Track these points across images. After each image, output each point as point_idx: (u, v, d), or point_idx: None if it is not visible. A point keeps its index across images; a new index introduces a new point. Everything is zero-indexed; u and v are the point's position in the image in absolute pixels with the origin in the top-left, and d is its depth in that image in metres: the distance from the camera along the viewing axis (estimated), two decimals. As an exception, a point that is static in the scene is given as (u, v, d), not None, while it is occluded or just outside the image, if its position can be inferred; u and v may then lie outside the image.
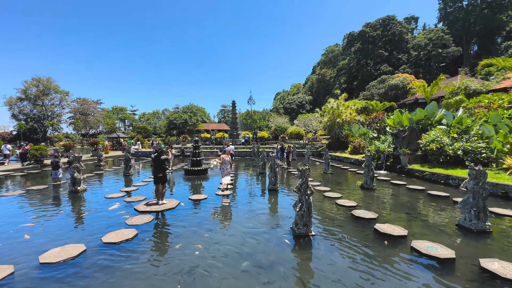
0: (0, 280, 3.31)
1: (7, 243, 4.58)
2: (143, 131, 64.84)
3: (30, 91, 59.49)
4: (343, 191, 8.76)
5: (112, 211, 6.49)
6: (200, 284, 3.27)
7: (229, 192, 8.30)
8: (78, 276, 3.47)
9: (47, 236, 4.92)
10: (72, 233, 5.11)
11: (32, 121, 59.13)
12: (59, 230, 5.23)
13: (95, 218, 5.99)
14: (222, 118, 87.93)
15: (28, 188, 9.41)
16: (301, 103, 73.31)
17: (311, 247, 4.36)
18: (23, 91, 59.24)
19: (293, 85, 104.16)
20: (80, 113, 67.99)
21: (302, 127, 30.47)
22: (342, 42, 76.38)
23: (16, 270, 3.56)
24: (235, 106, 32.34)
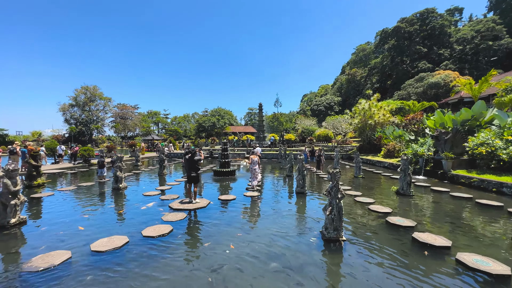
0: (60, 263, 3.80)
1: (65, 232, 5.23)
2: (175, 133, 68.64)
3: (80, 98, 66.96)
4: (376, 196, 8.30)
5: (149, 207, 7.02)
6: (231, 281, 3.39)
7: (257, 194, 8.41)
8: (122, 263, 3.84)
9: (96, 227, 5.50)
10: (116, 226, 5.64)
11: (80, 125, 66.41)
12: (105, 223, 5.81)
13: (135, 213, 6.53)
14: (248, 120, 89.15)
15: (79, 184, 10.60)
16: (330, 104, 71.09)
17: (342, 252, 4.23)
18: (73, 98, 66.87)
19: (321, 86, 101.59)
20: (120, 117, 74.53)
21: (331, 129, 29.51)
22: (374, 40, 72.63)
23: (72, 255, 4.06)
24: (261, 109, 32.61)
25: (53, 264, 3.73)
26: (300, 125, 38.90)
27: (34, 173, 10.24)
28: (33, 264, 3.74)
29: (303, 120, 43.66)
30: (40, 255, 4.04)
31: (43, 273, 3.55)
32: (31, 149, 12.60)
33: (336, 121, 29.90)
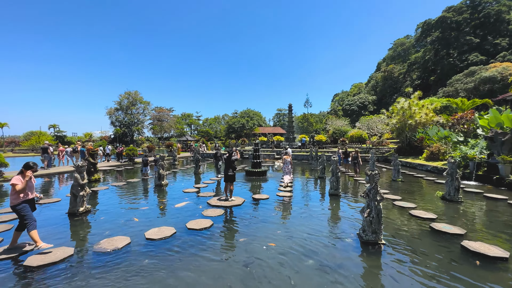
0: (123, 246, 4.41)
1: (122, 221, 5.99)
2: (206, 134, 71.72)
3: (123, 102, 73.83)
4: (417, 201, 7.80)
5: (192, 201, 7.61)
6: (269, 274, 3.59)
7: (290, 194, 8.51)
8: (172, 250, 4.31)
9: (145, 218, 6.18)
10: (163, 218, 6.26)
11: (123, 127, 73.23)
12: (154, 215, 6.49)
13: (178, 207, 7.15)
14: (277, 121, 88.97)
15: (128, 180, 11.84)
16: (363, 104, 67.51)
17: (381, 256, 4.15)
18: (118, 103, 73.96)
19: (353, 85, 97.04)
20: (157, 120, 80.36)
21: (365, 130, 28.01)
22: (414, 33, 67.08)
23: (131, 241, 4.67)
24: (291, 110, 32.42)
25: (117, 247, 4.35)
26: (331, 126, 37.68)
27: (92, 169, 11.74)
28: (102, 246, 4.41)
29: (335, 120, 42.17)
30: (106, 239, 4.73)
31: (111, 253, 4.17)
32: (90, 149, 14.44)
33: (371, 121, 28.26)
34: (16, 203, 4.10)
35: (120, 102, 73.10)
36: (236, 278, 3.47)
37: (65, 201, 7.41)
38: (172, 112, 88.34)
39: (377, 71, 79.63)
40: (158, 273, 3.60)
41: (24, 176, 4.22)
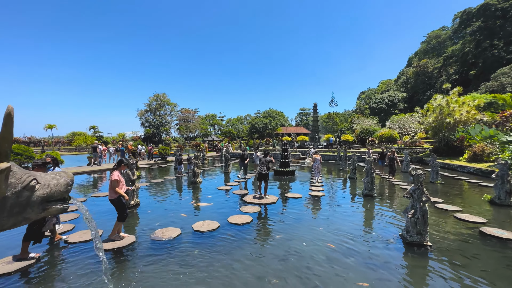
0: (175, 236, 4.88)
1: (169, 215, 6.54)
2: (229, 134, 73.18)
3: (152, 104, 78.31)
4: (462, 204, 7.37)
5: (228, 198, 8.02)
6: (313, 268, 3.74)
7: (322, 194, 8.53)
8: (218, 241, 4.66)
9: (188, 213, 6.67)
10: (204, 212, 6.71)
11: (152, 128, 77.67)
12: (195, 210, 6.96)
13: (218, 203, 7.58)
14: (300, 121, 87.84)
15: (165, 178, 12.69)
16: (392, 101, 63.98)
17: (427, 257, 4.09)
18: (148, 105, 78.58)
19: (381, 82, 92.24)
20: (183, 120, 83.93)
21: (396, 129, 26.57)
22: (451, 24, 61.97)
23: (182, 232, 5.12)
24: (316, 109, 31.93)
25: (171, 236, 4.82)
26: (358, 125, 36.34)
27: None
28: (157, 235, 4.91)
29: (362, 119, 40.59)
30: (159, 229, 5.24)
31: (166, 242, 4.64)
32: (130, 148, 15.68)
33: (403, 120, 26.70)
34: (115, 196, 4.69)
35: (150, 104, 77.61)
36: (283, 269, 3.69)
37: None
38: (196, 113, 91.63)
39: (408, 66, 74.89)
40: (208, 260, 3.96)
41: (120, 172, 4.87)
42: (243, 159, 12.58)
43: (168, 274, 3.57)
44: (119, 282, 3.37)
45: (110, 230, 4.80)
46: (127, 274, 3.58)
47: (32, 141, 48.09)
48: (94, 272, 3.62)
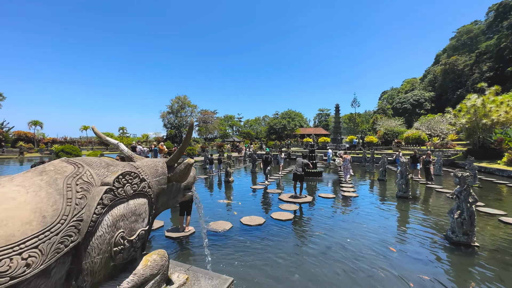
0: (228, 229, 5.39)
1: (220, 211, 7.10)
2: (247, 135, 74.08)
3: (174, 106, 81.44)
4: (506, 208, 7.19)
5: (265, 196, 8.46)
6: (363, 262, 4.03)
7: (355, 194, 8.68)
8: (266, 233, 5.10)
9: (234, 209, 7.19)
10: (248, 209, 7.19)
11: (174, 129, 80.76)
12: (239, 207, 7.48)
13: (256, 201, 8.04)
14: (319, 122, 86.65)
15: (198, 176, 13.44)
16: (418, 101, 61.25)
17: (475, 257, 4.21)
18: (170, 106, 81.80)
19: (405, 81, 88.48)
20: (202, 122, 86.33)
21: (425, 131, 25.46)
22: (485, 17, 58.01)
23: (233, 225, 5.62)
24: (338, 110, 31.52)
25: (224, 228, 5.33)
26: (382, 126, 35.31)
27: None
28: (212, 227, 5.44)
29: (386, 120, 39.36)
30: (212, 222, 5.75)
31: (221, 233, 5.16)
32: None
33: (433, 121, 25.51)
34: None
35: (172, 106, 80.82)
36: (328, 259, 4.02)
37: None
38: (215, 114, 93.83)
39: (435, 64, 71.10)
40: (257, 247, 4.41)
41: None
42: (266, 162, 11.64)
43: (226, 257, 4.07)
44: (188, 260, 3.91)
45: (170, 222, 5.42)
46: (195, 256, 4.13)
47: (67, 141, 52.00)
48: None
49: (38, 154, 31.51)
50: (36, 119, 40.54)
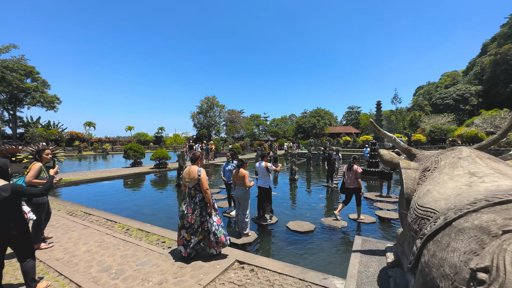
0: (313, 230, 5.44)
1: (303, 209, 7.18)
2: (275, 134, 73.95)
3: (203, 106, 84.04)
4: None
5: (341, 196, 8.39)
6: None
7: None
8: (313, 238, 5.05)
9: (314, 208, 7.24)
10: (306, 211, 7.17)
11: (203, 128, 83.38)
12: (294, 209, 7.50)
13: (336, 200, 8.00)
14: (349, 120, 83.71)
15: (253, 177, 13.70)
16: (462, 96, 56.44)
17: None
18: (199, 107, 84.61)
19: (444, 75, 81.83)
20: (229, 121, 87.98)
21: (489, 128, 23.03)
22: (545, 0, 51.42)
23: (315, 227, 5.64)
24: (380, 107, 30.08)
25: (310, 229, 5.28)
26: (428, 124, 33.04)
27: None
28: (290, 226, 5.45)
29: (433, 117, 36.79)
30: (291, 221, 5.72)
31: (304, 233, 5.16)
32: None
33: (499, 117, 22.94)
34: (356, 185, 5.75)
35: (201, 106, 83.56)
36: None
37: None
38: (242, 113, 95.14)
39: (482, 55, 64.77)
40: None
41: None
42: (329, 162, 10.69)
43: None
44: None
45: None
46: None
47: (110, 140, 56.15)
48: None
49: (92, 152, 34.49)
50: (90, 120, 44.23)
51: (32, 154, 3.79)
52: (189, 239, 3.49)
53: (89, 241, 4.16)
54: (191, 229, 3.50)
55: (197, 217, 3.52)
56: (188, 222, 3.52)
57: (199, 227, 3.54)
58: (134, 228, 4.79)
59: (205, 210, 3.56)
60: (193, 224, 3.50)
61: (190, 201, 3.59)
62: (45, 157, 3.81)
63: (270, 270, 3.16)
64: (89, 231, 4.63)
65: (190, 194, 3.62)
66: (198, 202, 3.56)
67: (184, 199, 3.67)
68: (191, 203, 3.56)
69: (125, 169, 14.50)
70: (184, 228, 3.53)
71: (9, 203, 2.50)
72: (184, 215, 3.56)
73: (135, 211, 6.89)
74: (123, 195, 8.93)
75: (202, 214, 3.55)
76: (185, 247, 3.51)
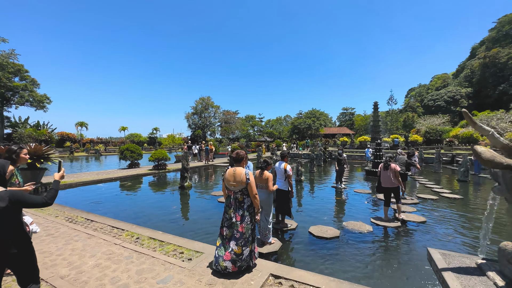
0: (338, 236, 5.10)
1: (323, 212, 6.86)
2: (270, 135, 73.75)
3: (198, 107, 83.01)
4: None
5: (353, 197, 8.12)
6: None
7: (458, 196, 8.08)
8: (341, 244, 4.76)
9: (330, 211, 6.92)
10: (320, 214, 6.87)
11: (198, 129, 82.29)
12: (308, 212, 7.19)
13: (362, 205, 7.71)
14: (343, 121, 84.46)
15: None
16: (453, 98, 57.92)
17: None
18: (194, 107, 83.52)
19: (435, 77, 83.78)
20: (224, 122, 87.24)
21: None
22: (531, 6, 53.30)
23: (340, 234, 5.32)
24: (377, 108, 30.19)
25: (336, 235, 4.96)
26: (423, 125, 33.52)
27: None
28: (313, 231, 5.11)
29: (428, 118, 37.37)
30: (313, 226, 5.40)
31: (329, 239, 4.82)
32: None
33: (496, 117, 23.28)
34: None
35: (196, 107, 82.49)
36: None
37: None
38: (237, 114, 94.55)
39: (471, 58, 66.68)
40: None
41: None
42: (339, 162, 10.14)
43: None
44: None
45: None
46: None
47: (102, 141, 54.51)
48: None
49: (84, 153, 33.27)
50: (82, 121, 42.76)
51: (9, 153, 2.97)
52: (240, 253, 3.05)
53: (96, 253, 3.67)
54: (243, 239, 3.08)
55: (248, 225, 3.12)
56: (239, 232, 3.09)
57: (250, 236, 3.14)
58: (145, 236, 4.33)
59: (254, 217, 3.18)
60: (244, 233, 3.09)
61: (238, 207, 3.16)
62: (23, 157, 3.06)
63: (313, 286, 2.79)
64: (94, 241, 4.14)
65: (237, 199, 3.19)
66: (247, 208, 3.15)
67: (230, 205, 3.21)
68: (239, 210, 3.14)
69: (122, 170, 13.84)
70: (234, 240, 3.09)
71: (7, 214, 2.03)
72: (233, 223, 3.12)
73: (138, 215, 6.39)
74: (123, 198, 8.38)
75: (252, 222, 3.17)
76: (234, 262, 3.05)
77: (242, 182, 3.08)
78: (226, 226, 3.19)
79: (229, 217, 3.17)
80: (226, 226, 3.19)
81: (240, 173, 3.13)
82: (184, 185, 9.53)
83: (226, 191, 3.32)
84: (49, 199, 2.22)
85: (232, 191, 3.20)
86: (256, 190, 3.15)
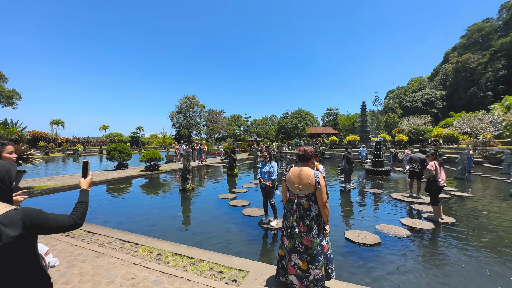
0: (379, 242, 4.78)
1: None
2: (257, 135, 73.43)
3: (183, 106, 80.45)
4: None
5: (363, 197, 7.90)
6: None
7: (468, 194, 8.15)
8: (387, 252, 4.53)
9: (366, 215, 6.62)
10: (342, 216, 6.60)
11: (183, 128, 79.76)
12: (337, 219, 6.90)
13: (383, 208, 7.46)
14: (327, 121, 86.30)
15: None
16: (429, 100, 61.40)
17: None
18: (178, 106, 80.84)
19: (412, 80, 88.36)
20: (210, 121, 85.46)
21: (466, 129, 24.76)
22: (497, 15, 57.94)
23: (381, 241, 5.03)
24: (365, 108, 31.10)
25: (378, 241, 4.59)
26: (407, 124, 34.94)
27: (234, 164, 13.01)
28: (349, 236, 4.71)
29: (412, 118, 39.11)
30: (349, 231, 5.03)
31: (372, 247, 4.43)
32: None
33: (476, 118, 24.68)
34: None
35: (180, 106, 79.90)
36: None
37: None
38: (223, 114, 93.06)
39: (444, 62, 71.12)
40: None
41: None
42: (349, 161, 9.66)
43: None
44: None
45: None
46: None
47: (80, 140, 50.86)
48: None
49: (61, 154, 30.66)
50: (58, 119, 39.46)
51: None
52: (305, 269, 2.50)
53: (114, 279, 2.94)
54: (309, 255, 2.51)
55: (315, 238, 2.52)
56: (304, 245, 2.53)
57: (320, 254, 2.52)
58: (167, 252, 3.64)
59: (323, 229, 2.59)
60: (311, 248, 2.51)
61: (303, 215, 2.59)
62: (7, 156, 2.22)
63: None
64: (106, 261, 3.38)
65: (302, 205, 2.61)
66: (314, 217, 2.56)
67: (292, 212, 2.66)
68: (306, 218, 2.56)
69: (110, 172, 12.63)
70: (297, 253, 2.56)
71: (20, 248, 1.20)
72: (296, 234, 2.58)
73: (143, 224, 5.60)
74: (118, 204, 7.45)
75: (320, 235, 2.56)
76: (300, 279, 2.53)
77: (311, 186, 2.51)
78: (286, 235, 2.69)
79: (290, 225, 2.66)
80: (286, 235, 2.69)
81: (307, 175, 2.56)
82: (186, 188, 8.77)
83: (287, 193, 2.78)
84: (78, 218, 1.49)
85: (296, 195, 2.66)
86: (327, 197, 2.60)
